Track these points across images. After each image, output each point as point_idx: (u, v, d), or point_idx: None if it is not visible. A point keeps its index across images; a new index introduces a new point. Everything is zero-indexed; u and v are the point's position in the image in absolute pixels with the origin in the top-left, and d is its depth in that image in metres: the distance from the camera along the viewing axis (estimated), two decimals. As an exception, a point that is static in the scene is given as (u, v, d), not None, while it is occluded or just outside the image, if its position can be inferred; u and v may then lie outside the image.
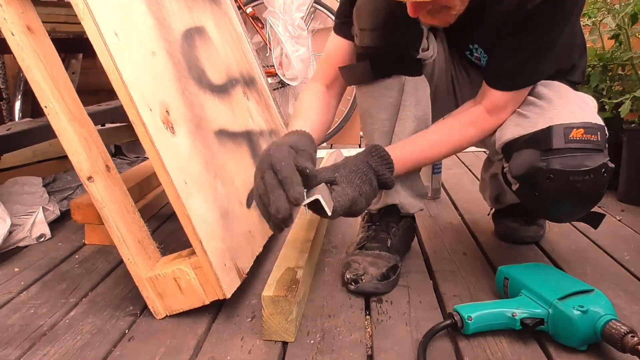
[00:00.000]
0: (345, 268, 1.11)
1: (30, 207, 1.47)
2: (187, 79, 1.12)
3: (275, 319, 0.91)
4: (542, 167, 0.92)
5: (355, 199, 0.92)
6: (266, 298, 0.90)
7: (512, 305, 0.90)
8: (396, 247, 1.17)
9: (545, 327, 0.88)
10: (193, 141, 1.04)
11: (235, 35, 1.58)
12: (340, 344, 0.90)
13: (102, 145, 1.02)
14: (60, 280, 1.19)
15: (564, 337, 0.86)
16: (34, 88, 0.93)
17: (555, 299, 0.87)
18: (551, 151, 0.91)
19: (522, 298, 0.93)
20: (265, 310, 0.91)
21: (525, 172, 0.94)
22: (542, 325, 0.88)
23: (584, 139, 0.90)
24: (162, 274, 0.98)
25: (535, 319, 0.88)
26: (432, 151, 1.05)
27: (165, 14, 1.13)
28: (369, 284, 1.06)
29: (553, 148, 0.91)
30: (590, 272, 1.17)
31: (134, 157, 2.36)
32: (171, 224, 1.55)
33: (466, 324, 0.89)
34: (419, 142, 1.05)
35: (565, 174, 0.90)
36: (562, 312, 0.85)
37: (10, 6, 0.91)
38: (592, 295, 0.88)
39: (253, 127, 1.40)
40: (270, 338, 0.92)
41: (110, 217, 0.97)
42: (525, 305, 0.90)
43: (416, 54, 1.04)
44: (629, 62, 1.71)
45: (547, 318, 0.88)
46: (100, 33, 0.89)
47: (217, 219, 1.02)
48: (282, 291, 0.92)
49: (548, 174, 0.91)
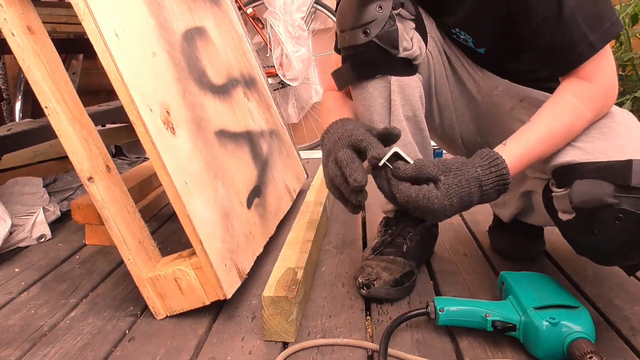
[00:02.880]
0: (358, 272, 1.09)
1: (30, 208, 1.47)
2: (188, 79, 1.12)
3: (276, 319, 0.91)
4: (612, 203, 0.79)
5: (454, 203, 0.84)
6: (266, 298, 0.90)
7: (490, 307, 0.90)
8: (413, 253, 1.14)
9: (517, 334, 0.87)
10: (193, 142, 1.04)
11: (236, 36, 1.58)
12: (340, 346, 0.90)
13: (103, 146, 1.02)
14: (61, 280, 1.19)
15: (531, 347, 0.85)
16: (35, 88, 0.93)
17: (532, 307, 0.86)
18: (628, 189, 0.78)
19: (505, 302, 0.92)
20: (266, 311, 0.91)
21: (589, 206, 0.81)
22: (513, 331, 0.87)
23: None
24: (163, 275, 0.98)
25: (507, 323, 0.87)
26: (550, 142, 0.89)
27: (165, 14, 1.13)
28: (381, 289, 1.04)
29: (631, 186, 0.78)
30: (591, 272, 1.17)
31: (135, 158, 2.36)
32: (171, 225, 1.55)
33: (438, 314, 0.90)
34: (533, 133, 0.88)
35: (638, 217, 0.78)
36: (531, 321, 0.84)
37: (11, 7, 0.91)
38: (573, 311, 0.85)
39: (254, 128, 1.40)
40: (270, 338, 0.92)
41: (111, 217, 0.97)
42: (502, 309, 0.89)
43: (397, 52, 1.00)
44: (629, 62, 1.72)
45: (519, 325, 0.87)
46: (101, 33, 0.89)
47: (217, 219, 1.02)
48: (283, 291, 0.92)
49: (618, 214, 0.79)
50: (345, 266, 1.21)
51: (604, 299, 1.03)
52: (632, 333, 0.92)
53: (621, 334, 0.93)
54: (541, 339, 0.82)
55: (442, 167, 0.83)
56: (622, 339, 0.91)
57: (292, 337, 0.91)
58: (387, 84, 1.02)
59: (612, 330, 0.94)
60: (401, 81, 1.03)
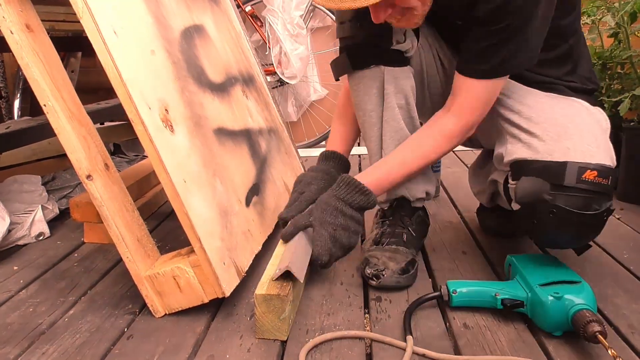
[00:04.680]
0: (364, 264, 1.12)
1: (29, 206, 1.47)
2: (186, 77, 1.12)
3: (268, 317, 0.91)
4: (547, 200, 0.92)
5: (333, 235, 1.01)
6: (259, 296, 0.90)
7: (499, 287, 0.97)
8: (412, 242, 1.18)
9: (525, 310, 0.94)
10: (192, 140, 1.04)
11: (235, 34, 1.58)
12: (339, 342, 0.90)
13: (101, 144, 1.02)
14: (60, 278, 1.19)
15: (539, 321, 0.92)
16: (33, 86, 0.93)
17: (537, 284, 0.93)
18: (561, 187, 0.91)
19: (512, 282, 0.99)
20: (258, 309, 0.91)
21: (529, 200, 0.95)
22: (521, 307, 0.94)
23: (595, 182, 0.90)
24: (161, 273, 0.98)
25: (515, 300, 0.94)
26: (405, 168, 1.08)
27: (164, 12, 1.13)
28: (391, 279, 1.07)
29: (563, 185, 0.91)
30: (590, 270, 1.17)
31: (133, 156, 2.36)
32: (170, 223, 1.55)
33: (451, 297, 0.98)
34: (390, 161, 1.09)
35: (568, 212, 0.91)
36: (538, 297, 0.91)
37: (10, 4, 0.91)
38: (576, 286, 0.92)
39: (252, 126, 1.40)
40: (262, 336, 0.92)
41: (109, 215, 0.97)
42: (510, 288, 0.96)
43: (389, 44, 1.07)
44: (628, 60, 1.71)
45: (526, 301, 0.94)
46: (99, 31, 0.89)
47: (216, 217, 1.02)
48: (275, 289, 0.92)
49: (551, 209, 0.92)
50: (343, 264, 1.21)
51: (603, 297, 1.04)
52: (631, 331, 0.93)
53: (620, 332, 0.93)
54: (547, 313, 0.89)
55: (308, 213, 1.06)
56: (620, 337, 0.91)
57: (284, 335, 0.91)
58: (380, 74, 1.10)
59: (611, 328, 0.94)
60: (394, 72, 1.10)
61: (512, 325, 0.94)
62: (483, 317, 0.97)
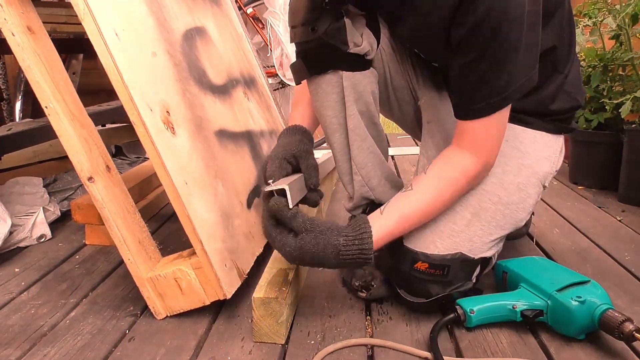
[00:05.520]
0: (349, 275, 1.08)
1: (30, 208, 1.47)
2: (188, 79, 1.12)
3: (266, 320, 0.90)
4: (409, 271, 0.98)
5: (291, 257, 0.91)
6: (257, 300, 0.90)
7: (513, 298, 0.94)
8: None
9: (545, 318, 0.91)
10: (194, 141, 1.04)
11: (236, 36, 1.58)
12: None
13: (103, 146, 1.02)
14: (61, 280, 1.19)
15: (563, 327, 0.89)
16: (35, 88, 0.93)
17: (554, 290, 0.90)
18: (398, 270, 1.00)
19: (521, 291, 0.96)
20: (256, 312, 0.90)
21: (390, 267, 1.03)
22: (541, 316, 0.91)
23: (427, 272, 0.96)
24: (163, 275, 0.98)
25: (535, 310, 0.91)
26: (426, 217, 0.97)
27: (165, 14, 1.13)
28: (381, 289, 1.05)
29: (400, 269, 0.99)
30: (591, 272, 1.17)
31: (135, 158, 2.37)
32: (171, 224, 1.55)
33: (469, 317, 0.92)
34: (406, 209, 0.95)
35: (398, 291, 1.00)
36: (561, 303, 0.88)
37: (11, 7, 0.91)
38: (589, 286, 0.92)
39: (254, 128, 1.40)
40: (260, 340, 0.91)
41: (111, 217, 0.97)
42: (525, 298, 0.93)
43: (346, 47, 1.00)
44: (629, 62, 1.71)
45: (546, 309, 0.91)
46: (101, 33, 0.89)
47: (217, 219, 1.02)
48: (273, 293, 0.91)
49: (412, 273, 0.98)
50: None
51: (604, 299, 1.03)
52: (632, 333, 0.92)
53: (621, 334, 0.92)
54: (574, 318, 0.87)
55: (308, 225, 0.89)
56: (622, 339, 0.91)
57: (282, 339, 0.91)
58: (339, 79, 1.04)
59: (612, 330, 0.94)
60: (353, 77, 1.04)
61: (514, 327, 0.94)
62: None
